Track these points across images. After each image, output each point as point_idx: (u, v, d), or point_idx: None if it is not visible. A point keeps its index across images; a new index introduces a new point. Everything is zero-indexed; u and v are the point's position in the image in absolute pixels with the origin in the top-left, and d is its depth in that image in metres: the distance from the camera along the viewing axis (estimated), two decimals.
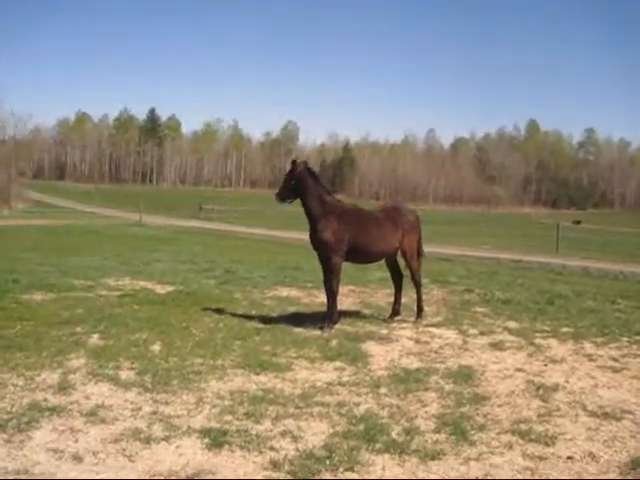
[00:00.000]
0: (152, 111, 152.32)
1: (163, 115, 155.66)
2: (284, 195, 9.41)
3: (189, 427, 5.21)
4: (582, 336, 9.03)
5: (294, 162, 9.38)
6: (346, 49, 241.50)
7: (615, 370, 7.47)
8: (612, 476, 4.62)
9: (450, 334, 9.01)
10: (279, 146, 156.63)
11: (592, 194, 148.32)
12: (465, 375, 6.96)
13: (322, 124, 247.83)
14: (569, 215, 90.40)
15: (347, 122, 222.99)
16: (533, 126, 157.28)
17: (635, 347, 8.60)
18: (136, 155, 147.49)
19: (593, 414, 5.91)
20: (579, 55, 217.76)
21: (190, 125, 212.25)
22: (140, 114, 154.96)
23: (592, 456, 4.94)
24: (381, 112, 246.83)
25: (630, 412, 6.00)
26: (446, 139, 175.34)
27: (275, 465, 4.57)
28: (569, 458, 4.89)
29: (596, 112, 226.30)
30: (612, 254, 29.16)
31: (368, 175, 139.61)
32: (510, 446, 5.08)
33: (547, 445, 5.13)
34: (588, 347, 8.48)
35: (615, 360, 7.90)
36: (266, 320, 9.34)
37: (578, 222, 64.52)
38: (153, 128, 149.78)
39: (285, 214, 53.48)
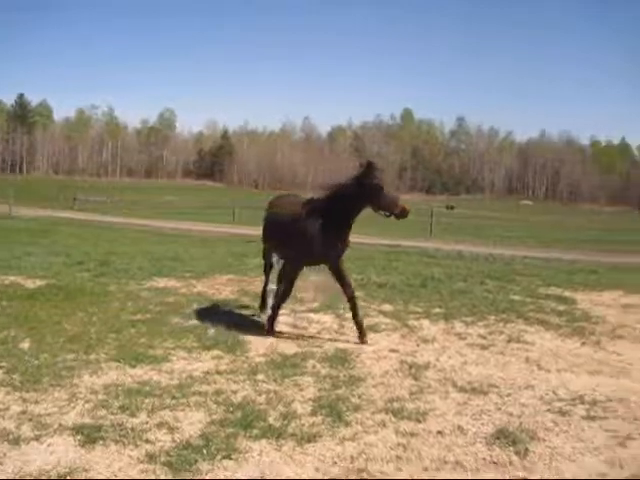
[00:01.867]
0: (21, 96, 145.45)
1: (33, 101, 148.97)
2: None
3: (61, 425, 5.04)
4: (453, 316, 9.42)
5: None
6: (222, 37, 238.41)
7: (483, 347, 7.85)
8: (479, 447, 4.87)
9: (327, 319, 9.16)
10: (156, 134, 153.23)
11: (464, 181, 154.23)
12: (341, 358, 7.10)
13: (200, 112, 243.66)
14: (443, 201, 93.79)
15: (225, 110, 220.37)
16: (408, 115, 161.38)
17: (501, 325, 9.07)
18: (4, 143, 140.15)
19: (462, 390, 6.20)
20: (451, 42, 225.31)
21: (63, 112, 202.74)
22: (8, 99, 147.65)
23: (460, 429, 5.20)
24: (259, 100, 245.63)
25: (496, 386, 6.33)
26: (324, 128, 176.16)
27: (151, 458, 4.51)
28: (439, 432, 5.12)
29: (467, 101, 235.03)
30: (483, 237, 30.56)
31: (247, 164, 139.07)
32: (384, 424, 5.25)
33: (419, 421, 5.34)
34: (458, 326, 8.86)
35: (483, 338, 8.31)
36: (142, 312, 9.15)
37: (451, 208, 67.07)
38: (22, 115, 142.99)
39: (162, 205, 52.45)
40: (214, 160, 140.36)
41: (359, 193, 7.59)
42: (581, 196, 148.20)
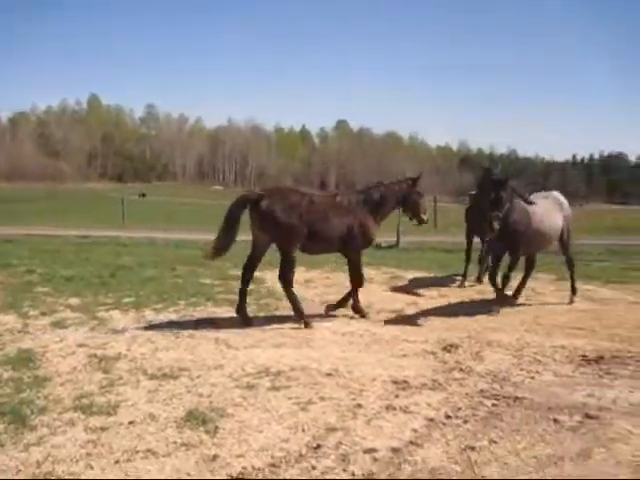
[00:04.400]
0: None
1: None
2: None
3: None
4: (143, 304, 9.41)
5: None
6: None
7: (174, 332, 7.94)
8: (170, 432, 4.90)
9: (9, 319, 8.55)
10: None
11: (155, 167, 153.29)
12: (25, 359, 6.69)
13: None
14: (136, 188, 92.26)
15: None
16: (95, 100, 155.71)
17: (191, 309, 9.32)
18: None
19: (153, 377, 6.20)
20: (133, 31, 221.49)
21: None
22: None
23: (152, 417, 5.20)
24: None
25: (187, 369, 6.45)
26: (5, 113, 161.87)
27: None
28: (130, 423, 5.07)
29: (156, 89, 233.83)
30: (176, 223, 30.73)
31: None
32: (72, 423, 5.06)
33: (109, 415, 5.24)
34: (148, 314, 8.85)
35: (174, 323, 8.44)
36: None
37: (143, 195, 66.50)
38: None
39: None
40: None
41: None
42: (268, 180, 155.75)
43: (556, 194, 10.75)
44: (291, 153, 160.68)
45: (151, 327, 8.18)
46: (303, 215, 8.51)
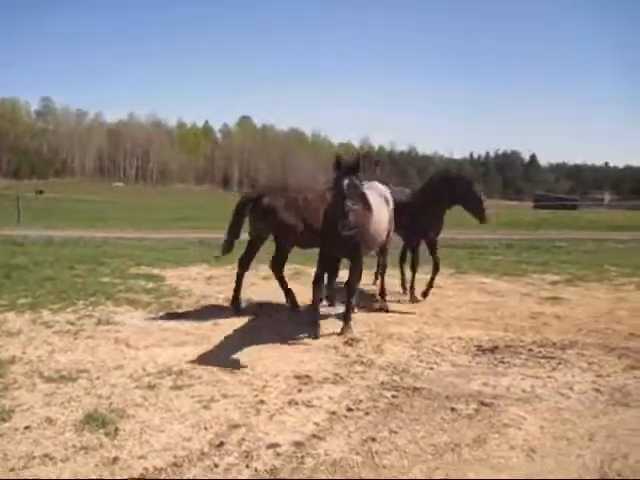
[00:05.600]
0: None
1: None
2: None
3: None
4: (40, 305, 9.10)
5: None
6: None
7: (71, 333, 7.72)
8: (68, 435, 4.78)
9: None
10: None
11: (53, 163, 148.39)
12: None
13: None
14: (32, 185, 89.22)
15: None
16: None
17: (90, 308, 9.06)
18: None
19: (50, 380, 6.01)
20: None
21: None
22: None
23: (49, 421, 5.04)
24: None
25: (86, 371, 6.29)
26: None
27: None
28: (26, 428, 4.90)
29: (52, 81, 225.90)
30: (74, 221, 29.88)
31: None
32: None
33: (4, 420, 5.04)
34: (45, 315, 8.57)
35: (71, 324, 8.18)
36: None
37: (40, 192, 64.61)
38: None
39: None
40: None
41: None
42: (170, 176, 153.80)
43: (377, 185, 9.56)
44: (194, 149, 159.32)
45: (48, 328, 7.92)
46: (301, 211, 8.94)
